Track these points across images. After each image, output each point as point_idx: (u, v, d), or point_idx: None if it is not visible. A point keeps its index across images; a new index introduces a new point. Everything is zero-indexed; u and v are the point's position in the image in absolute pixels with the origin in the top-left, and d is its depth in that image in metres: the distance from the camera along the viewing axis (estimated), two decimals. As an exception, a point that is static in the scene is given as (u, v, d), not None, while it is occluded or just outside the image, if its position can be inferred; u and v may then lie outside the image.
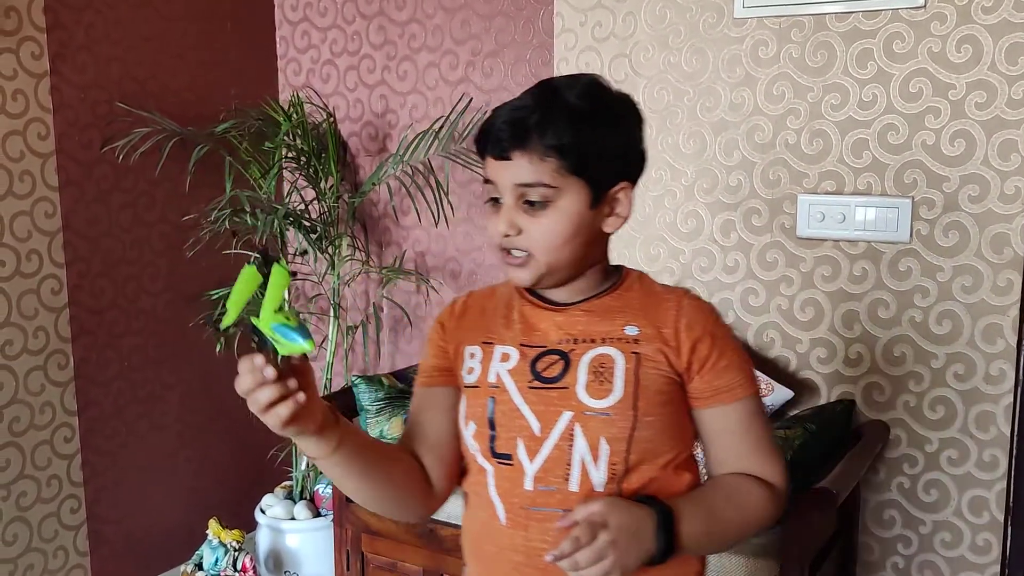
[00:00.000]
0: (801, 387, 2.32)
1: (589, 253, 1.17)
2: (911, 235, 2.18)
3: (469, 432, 1.17)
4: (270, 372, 0.98)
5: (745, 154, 2.35)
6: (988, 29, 2.05)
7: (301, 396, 1.01)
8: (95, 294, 2.63)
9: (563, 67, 2.57)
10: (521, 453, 1.13)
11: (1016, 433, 2.13)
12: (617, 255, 2.51)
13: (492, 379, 1.16)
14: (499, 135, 1.12)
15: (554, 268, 1.14)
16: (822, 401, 2.31)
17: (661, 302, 1.17)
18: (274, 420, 1.01)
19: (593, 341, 1.14)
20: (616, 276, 1.22)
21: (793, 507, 1.81)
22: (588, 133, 1.11)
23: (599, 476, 1.11)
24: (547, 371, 1.14)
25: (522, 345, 1.17)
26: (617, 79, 2.49)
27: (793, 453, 1.93)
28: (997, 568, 2.17)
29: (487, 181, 1.15)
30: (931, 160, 2.14)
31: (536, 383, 1.14)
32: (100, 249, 2.64)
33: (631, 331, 1.14)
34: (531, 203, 1.11)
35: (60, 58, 2.49)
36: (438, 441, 1.22)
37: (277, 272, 0.99)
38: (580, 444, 1.11)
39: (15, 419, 2.45)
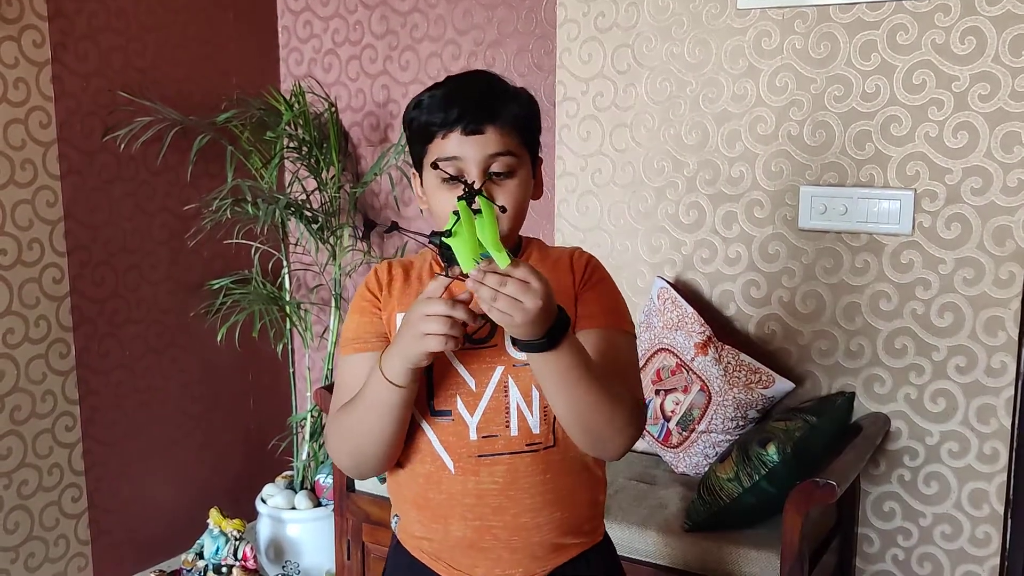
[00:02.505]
0: (802, 379, 2.32)
1: (524, 220, 1.30)
2: (913, 227, 2.17)
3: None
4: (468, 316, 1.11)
5: (748, 145, 2.35)
6: (992, 21, 2.05)
7: (452, 345, 1.12)
8: (96, 283, 2.63)
9: (566, 57, 2.56)
10: (461, 408, 1.24)
11: (1017, 426, 2.13)
12: (619, 246, 2.53)
13: None
14: (467, 112, 1.21)
15: (511, 232, 1.26)
16: (823, 393, 2.31)
17: (557, 260, 1.30)
18: (435, 343, 1.10)
19: None
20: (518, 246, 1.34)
21: (793, 499, 1.81)
22: (531, 112, 1.28)
23: (534, 419, 1.23)
24: (476, 334, 1.24)
25: None
26: (620, 69, 2.49)
27: (794, 445, 1.93)
28: (996, 560, 2.17)
29: (441, 160, 1.22)
30: (934, 152, 2.14)
31: (468, 345, 1.23)
32: (101, 238, 2.63)
33: None
34: (497, 174, 1.22)
35: (62, 47, 2.48)
36: None
37: (487, 205, 1.08)
38: (515, 393, 1.23)
39: (16, 408, 2.46)
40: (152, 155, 2.72)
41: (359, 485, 2.42)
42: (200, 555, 2.69)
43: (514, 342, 1.12)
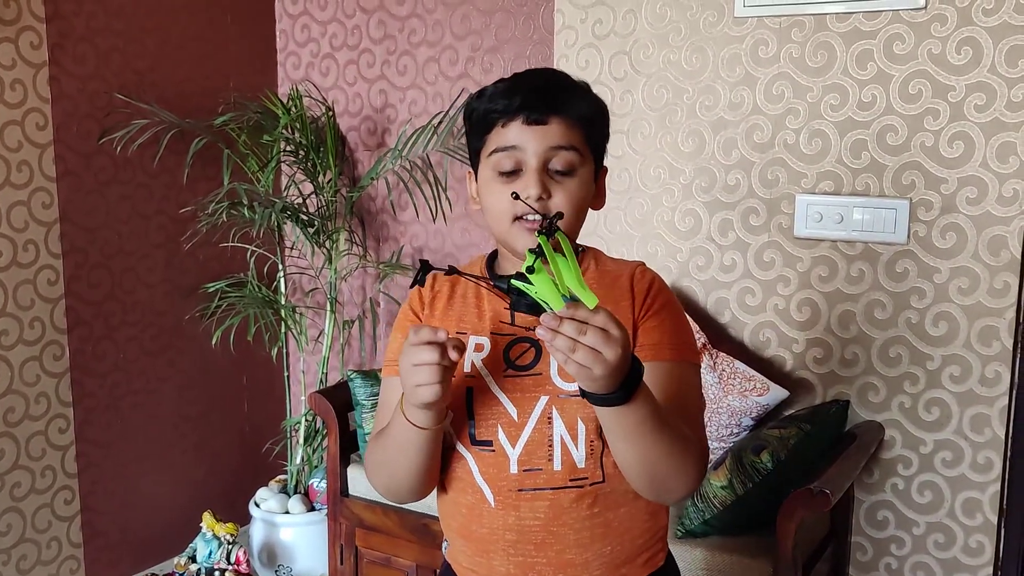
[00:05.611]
0: (796, 387, 2.32)
1: (581, 228, 1.22)
2: (908, 236, 2.18)
3: (447, 421, 1.18)
4: (455, 356, 1.05)
5: (744, 153, 2.35)
6: (988, 31, 2.05)
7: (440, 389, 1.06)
8: (92, 285, 2.63)
9: (563, 64, 2.57)
10: (502, 439, 1.16)
11: (1010, 436, 2.13)
12: (614, 253, 2.51)
13: (468, 369, 1.18)
14: (533, 101, 1.14)
15: (567, 235, 1.15)
16: (817, 401, 2.31)
17: (616, 279, 1.20)
18: (427, 394, 1.05)
19: None
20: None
21: (786, 507, 1.81)
22: (599, 112, 1.21)
23: (579, 454, 1.15)
24: (520, 359, 1.17)
25: (493, 334, 1.19)
26: (617, 76, 2.49)
27: (787, 453, 1.93)
28: (990, 570, 2.17)
29: (499, 150, 1.16)
30: (929, 162, 2.14)
31: (511, 372, 1.17)
32: (97, 240, 2.63)
33: None
34: (557, 171, 1.15)
35: (59, 48, 2.48)
36: None
37: (565, 241, 0.98)
38: (559, 425, 1.14)
39: (9, 409, 2.45)
40: (148, 158, 2.71)
41: (352, 490, 2.41)
42: (193, 559, 2.68)
43: (584, 394, 1.02)
